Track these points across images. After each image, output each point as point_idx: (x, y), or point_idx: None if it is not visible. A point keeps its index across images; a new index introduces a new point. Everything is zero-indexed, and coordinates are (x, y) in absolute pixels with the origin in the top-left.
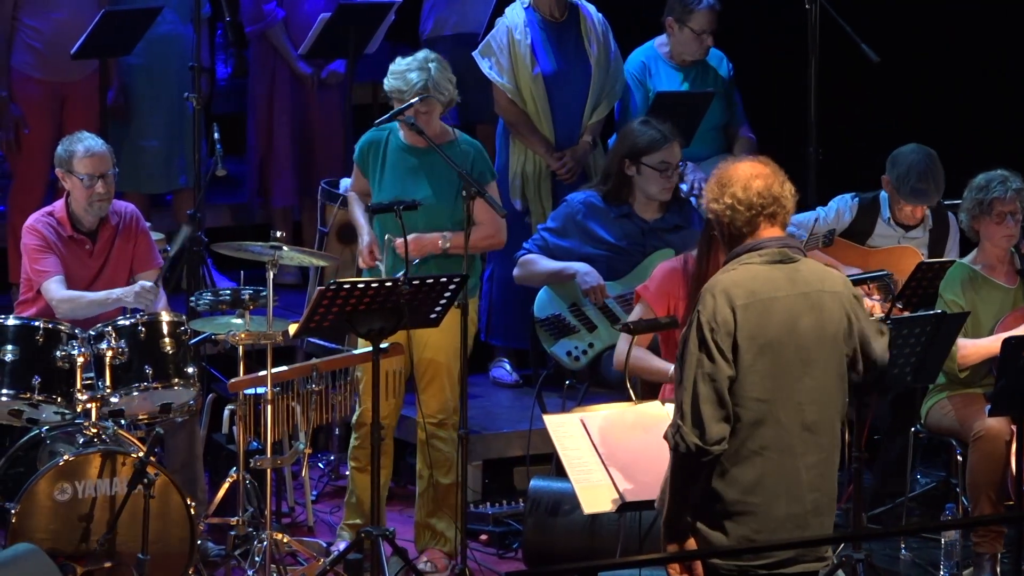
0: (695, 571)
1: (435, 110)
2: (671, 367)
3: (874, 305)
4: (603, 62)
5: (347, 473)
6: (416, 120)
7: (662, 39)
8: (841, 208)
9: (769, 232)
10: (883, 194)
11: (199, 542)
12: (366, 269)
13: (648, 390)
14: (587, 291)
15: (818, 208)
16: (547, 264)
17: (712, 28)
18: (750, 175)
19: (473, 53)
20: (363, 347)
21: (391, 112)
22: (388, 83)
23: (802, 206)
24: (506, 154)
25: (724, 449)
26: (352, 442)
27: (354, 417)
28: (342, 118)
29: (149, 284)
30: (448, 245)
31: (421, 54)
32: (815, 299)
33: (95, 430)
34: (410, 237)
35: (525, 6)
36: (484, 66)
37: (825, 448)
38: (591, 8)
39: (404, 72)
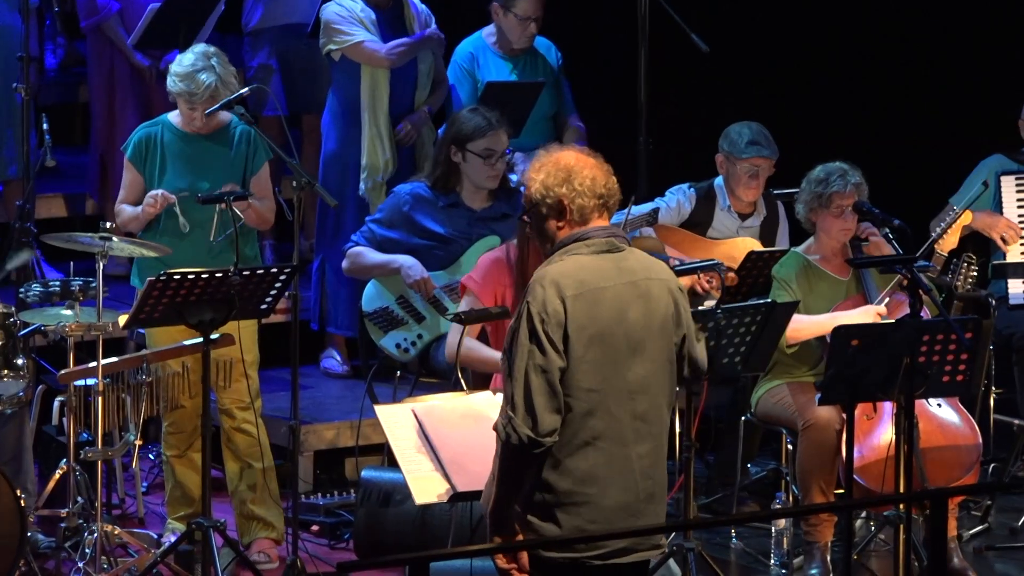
0: (521, 562)
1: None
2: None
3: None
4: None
5: None
6: (191, 113)
7: (490, 29)
8: (681, 200)
9: (598, 222)
10: (718, 182)
11: (29, 534)
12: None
13: (479, 380)
14: (412, 284)
15: (656, 199)
16: (373, 257)
17: (537, 15)
18: (593, 164)
19: (322, 42)
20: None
21: (221, 103)
22: (175, 85)
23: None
24: (334, 143)
25: (556, 440)
26: (164, 430)
27: (161, 406)
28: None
29: None
30: (251, 206)
31: (199, 49)
32: (643, 287)
33: None
34: (229, 186)
35: None
36: (342, 41)
37: (655, 436)
38: None
39: (192, 73)
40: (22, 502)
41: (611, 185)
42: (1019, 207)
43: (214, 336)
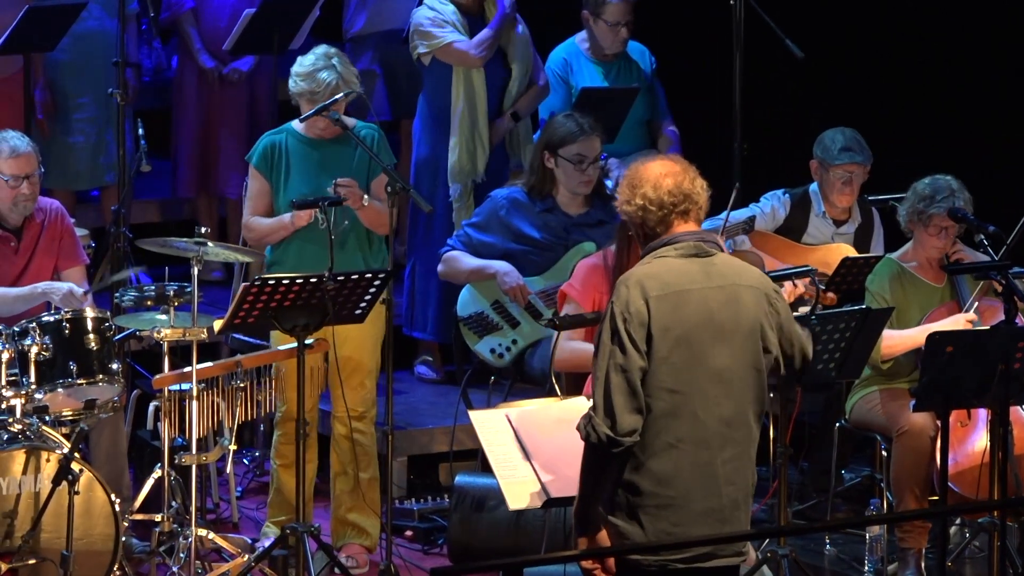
0: (607, 565)
1: (341, 105)
2: None
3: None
4: (518, 46)
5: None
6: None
7: (583, 35)
8: (775, 205)
9: (683, 228)
10: (813, 188)
11: (124, 538)
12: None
13: (573, 385)
14: (507, 291)
15: (751, 205)
16: (469, 262)
17: (626, 19)
18: (659, 174)
19: (412, 46)
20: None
21: (316, 108)
22: (296, 84)
23: (727, 202)
24: (426, 148)
25: (636, 440)
26: (276, 439)
27: (277, 415)
28: (245, 115)
29: (80, 291)
30: (366, 205)
31: (321, 50)
32: (731, 292)
33: (19, 426)
34: (346, 180)
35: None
36: (432, 44)
37: (740, 442)
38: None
39: (313, 72)
40: (117, 506)
41: (687, 189)
42: None
43: (309, 341)
